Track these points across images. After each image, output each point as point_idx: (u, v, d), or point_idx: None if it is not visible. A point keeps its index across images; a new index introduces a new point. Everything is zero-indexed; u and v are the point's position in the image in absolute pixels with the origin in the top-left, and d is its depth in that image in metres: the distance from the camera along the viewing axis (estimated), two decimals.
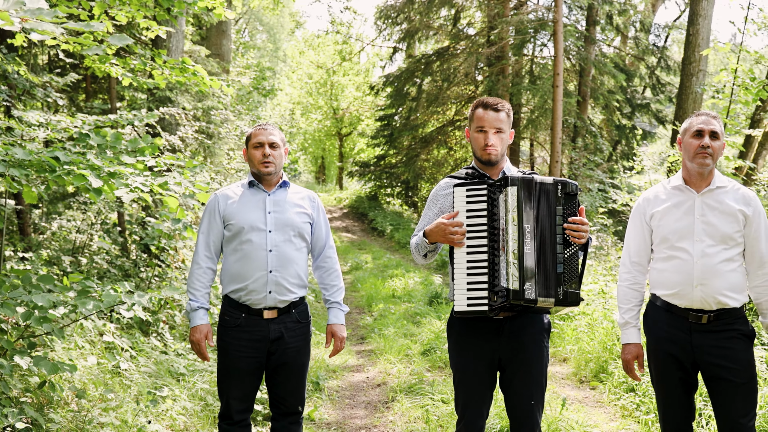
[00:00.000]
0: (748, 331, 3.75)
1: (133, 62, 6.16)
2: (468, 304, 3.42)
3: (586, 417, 5.81)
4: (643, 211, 3.96)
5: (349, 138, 37.92)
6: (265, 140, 4.05)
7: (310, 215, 4.18)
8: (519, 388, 3.64)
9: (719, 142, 3.74)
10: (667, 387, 3.88)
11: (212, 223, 4.10)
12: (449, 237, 3.46)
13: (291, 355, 4.07)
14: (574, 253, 3.46)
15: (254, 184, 4.13)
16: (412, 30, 22.41)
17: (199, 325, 4.06)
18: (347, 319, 10.48)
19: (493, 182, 3.49)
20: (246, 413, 4.12)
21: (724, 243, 3.72)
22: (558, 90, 16.42)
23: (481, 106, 3.66)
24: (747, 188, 3.84)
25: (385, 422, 5.98)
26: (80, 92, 12.13)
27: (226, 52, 17.07)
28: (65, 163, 4.19)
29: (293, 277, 4.04)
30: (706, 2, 16.63)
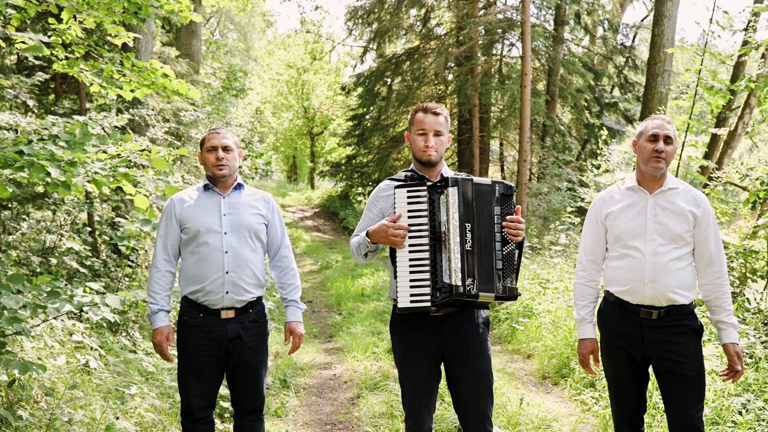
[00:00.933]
0: (696, 327, 3.90)
1: (101, 65, 6.23)
2: (411, 301, 3.54)
3: (546, 412, 5.98)
4: (598, 211, 4.10)
5: (320, 137, 37.97)
6: (218, 144, 4.14)
7: (264, 216, 4.27)
8: (467, 383, 3.75)
9: (672, 146, 3.90)
10: (619, 380, 4.03)
11: (169, 227, 4.19)
12: (391, 239, 3.59)
13: (248, 354, 4.16)
14: (511, 250, 3.60)
15: (209, 188, 4.22)
16: (382, 30, 22.49)
17: (160, 327, 4.16)
18: (316, 318, 10.61)
19: (433, 183, 3.62)
20: (208, 410, 4.20)
21: (674, 242, 3.87)
22: (525, 90, 16.61)
23: (421, 111, 3.81)
24: (697, 190, 3.99)
25: (350, 418, 6.12)
26: (49, 92, 12.13)
27: (196, 52, 17.09)
28: (27, 155, 4.26)
29: (249, 277, 4.13)
30: (671, 3, 16.93)
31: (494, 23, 19.61)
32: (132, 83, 6.19)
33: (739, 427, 4.94)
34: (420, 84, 22.13)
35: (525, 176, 16.82)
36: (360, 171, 24.94)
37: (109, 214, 9.68)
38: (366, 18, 23.03)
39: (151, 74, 6.22)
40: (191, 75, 13.48)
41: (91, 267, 8.51)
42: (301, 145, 40.07)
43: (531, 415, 5.75)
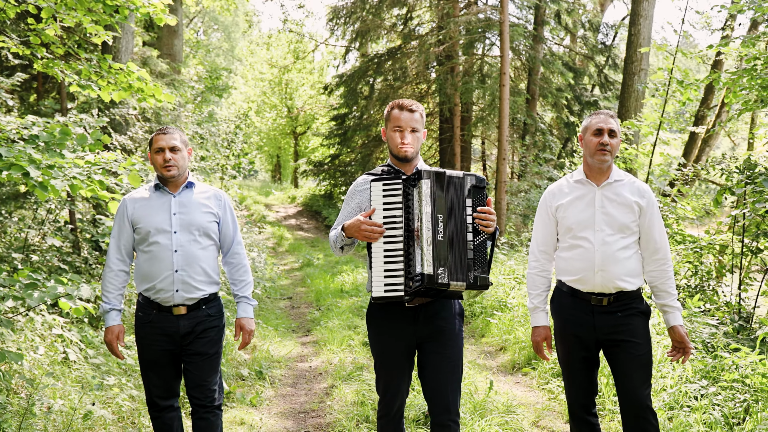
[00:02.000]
0: (644, 309, 4.10)
1: (79, 66, 6.37)
2: (385, 290, 3.63)
3: (512, 399, 6.17)
4: (549, 204, 4.24)
5: (304, 137, 38.09)
6: (165, 145, 4.18)
7: (215, 214, 4.31)
8: (435, 371, 3.84)
9: (616, 139, 4.06)
10: (572, 365, 4.19)
11: (122, 228, 4.24)
12: (364, 234, 3.67)
13: (201, 345, 4.21)
14: (482, 241, 3.69)
15: (160, 187, 4.26)
16: (364, 30, 22.63)
17: (111, 326, 4.22)
18: (296, 314, 10.77)
19: (408, 177, 3.71)
20: (170, 399, 4.30)
21: (621, 232, 4.04)
22: (504, 89, 16.81)
23: (397, 108, 3.90)
24: (641, 181, 4.16)
25: (323, 407, 6.30)
26: (31, 92, 12.24)
27: (178, 52, 17.18)
28: (7, 159, 4.40)
29: (200, 275, 4.19)
30: (647, 3, 17.16)
31: (474, 23, 19.81)
32: (110, 86, 6.32)
33: (694, 411, 5.15)
34: (402, 83, 22.28)
35: (504, 174, 17.03)
36: (343, 170, 25.06)
37: (90, 212, 9.80)
38: (348, 18, 23.17)
39: (127, 76, 6.34)
40: (172, 75, 13.58)
41: (72, 264, 8.63)
42: (284, 145, 40.19)
43: (498, 402, 5.94)
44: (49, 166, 4.35)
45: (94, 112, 8.92)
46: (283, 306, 11.62)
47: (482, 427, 5.28)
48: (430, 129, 24.02)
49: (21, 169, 4.21)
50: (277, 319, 10.21)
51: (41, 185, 4.38)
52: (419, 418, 5.61)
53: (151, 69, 12.76)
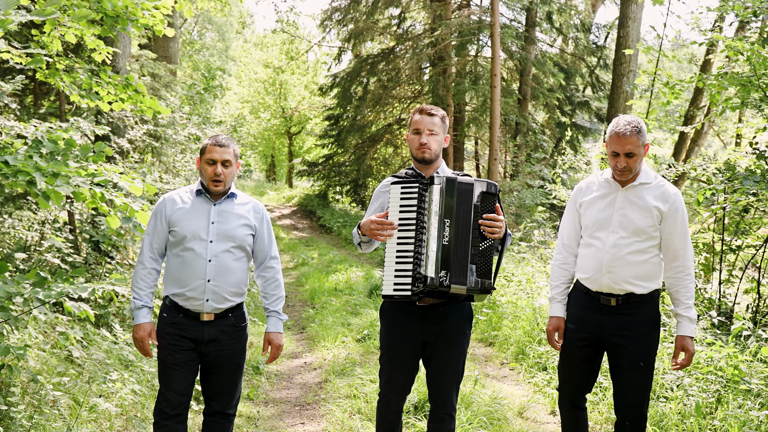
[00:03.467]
0: (654, 317, 4.14)
1: (80, 77, 6.59)
2: (394, 290, 3.81)
3: (498, 392, 6.44)
4: (575, 199, 4.34)
5: (298, 137, 38.30)
6: (218, 158, 4.14)
7: (253, 226, 4.30)
8: (437, 368, 4.05)
9: (636, 156, 3.99)
10: (573, 359, 4.30)
11: (157, 226, 4.24)
12: (373, 233, 3.88)
13: (226, 357, 4.23)
14: (489, 246, 3.81)
15: (201, 193, 4.23)
16: (357, 31, 22.83)
17: (142, 323, 4.19)
18: (291, 312, 11.01)
19: (424, 181, 3.88)
20: (181, 408, 4.21)
21: (636, 236, 4.05)
22: (495, 90, 17.10)
23: (417, 112, 4.07)
24: (671, 185, 4.13)
25: (317, 399, 6.57)
26: (28, 94, 12.43)
27: (174, 54, 17.43)
28: (14, 166, 4.62)
29: (231, 286, 4.18)
30: (635, 6, 17.43)
31: (465, 25, 20.06)
32: (109, 95, 6.52)
33: (670, 401, 5.41)
34: (395, 84, 22.51)
35: (495, 174, 17.32)
36: (337, 170, 25.27)
37: (89, 213, 10.02)
38: (341, 19, 23.37)
39: (125, 88, 6.53)
40: (168, 77, 13.81)
41: (73, 264, 8.86)
42: (279, 145, 40.37)
43: (484, 395, 6.20)
44: (53, 174, 4.54)
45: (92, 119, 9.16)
46: (285, 321, 11.83)
47: (468, 417, 5.55)
48: None
49: (27, 175, 4.38)
50: None
51: (44, 194, 4.58)
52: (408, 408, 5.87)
53: (148, 72, 13.00)
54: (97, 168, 4.93)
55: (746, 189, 7.46)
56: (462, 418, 5.54)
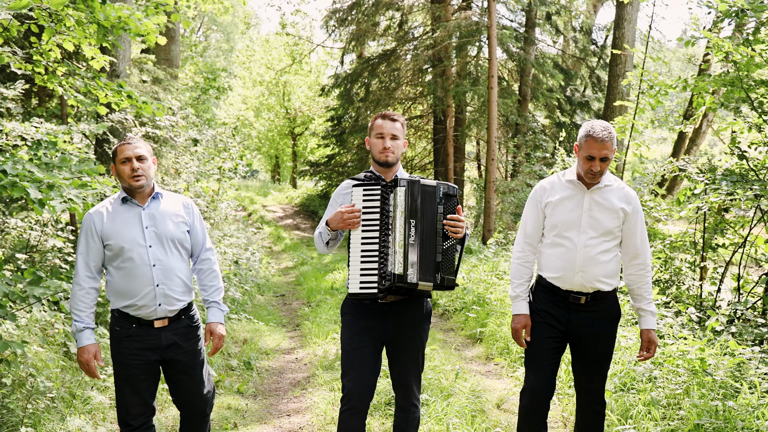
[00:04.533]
0: (615, 312, 4.40)
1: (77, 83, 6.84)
2: (360, 287, 3.97)
3: (479, 385, 6.68)
4: (539, 199, 4.43)
5: (301, 137, 38.52)
6: (131, 154, 4.08)
7: (186, 222, 4.29)
8: (398, 361, 4.25)
9: (609, 161, 4.17)
10: (539, 354, 4.41)
11: (90, 244, 4.13)
12: (346, 222, 4.01)
13: (187, 359, 4.22)
14: (451, 245, 4.02)
15: (127, 200, 4.17)
16: (359, 33, 23.04)
17: (86, 345, 4.08)
18: (287, 310, 11.27)
19: (386, 183, 4.05)
20: (146, 417, 4.20)
21: (604, 236, 4.26)
22: (492, 91, 17.30)
23: (380, 117, 4.23)
24: (630, 188, 4.39)
25: (303, 394, 6.81)
26: (32, 97, 12.68)
27: (175, 56, 17.66)
28: (11, 175, 4.85)
29: (179, 286, 4.17)
30: (631, 7, 17.63)
31: (463, 27, 20.26)
32: (107, 97, 6.77)
33: (640, 392, 5.64)
34: (397, 85, 22.73)
35: (493, 174, 17.52)
36: (340, 171, 25.45)
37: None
38: (343, 21, 23.58)
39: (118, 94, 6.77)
40: (169, 81, 14.05)
41: (73, 264, 9.10)
42: (283, 145, 40.58)
43: (464, 388, 6.44)
44: (49, 186, 4.74)
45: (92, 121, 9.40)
46: (276, 303, 12.13)
47: (443, 407, 5.79)
48: (424, 130, 24.49)
49: (22, 190, 4.51)
50: (268, 315, 10.72)
51: (39, 202, 4.81)
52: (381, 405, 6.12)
53: (148, 75, 13.24)
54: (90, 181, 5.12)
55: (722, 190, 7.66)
56: (438, 409, 5.77)
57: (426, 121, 24.12)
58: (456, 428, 5.47)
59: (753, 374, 5.51)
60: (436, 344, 8.25)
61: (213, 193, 15.27)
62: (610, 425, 5.35)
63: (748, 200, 7.48)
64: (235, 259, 12.95)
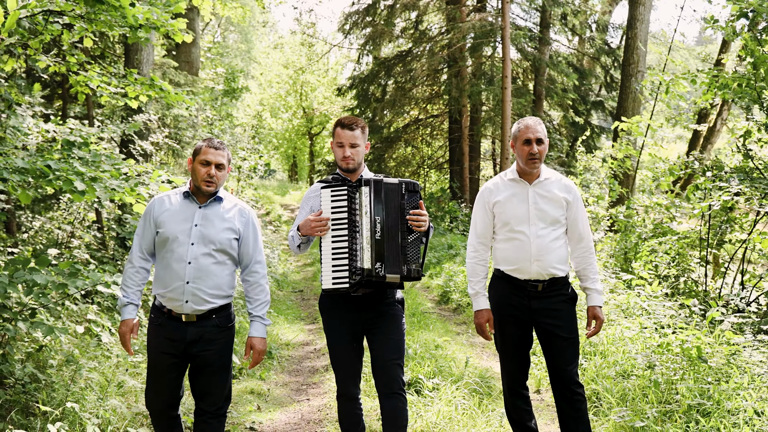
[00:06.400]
0: (572, 295, 4.66)
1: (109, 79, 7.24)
2: (333, 283, 4.18)
3: (488, 371, 7.05)
4: (486, 200, 4.71)
5: (319, 137, 38.91)
6: (213, 160, 4.21)
7: (236, 230, 4.33)
8: (379, 351, 4.38)
9: (544, 145, 4.52)
10: (508, 345, 4.68)
11: (146, 227, 4.34)
12: (313, 230, 4.23)
13: (211, 357, 4.28)
14: (416, 238, 4.27)
15: (189, 195, 4.31)
16: (375, 34, 23.35)
17: (126, 319, 4.31)
18: (305, 305, 11.65)
19: (352, 183, 4.29)
20: (170, 406, 4.35)
21: (552, 225, 4.57)
22: (506, 91, 17.63)
23: (339, 126, 4.40)
24: (567, 178, 4.73)
25: (322, 380, 7.20)
26: (56, 99, 13.10)
27: (195, 59, 18.08)
28: (56, 170, 5.26)
29: (211, 288, 4.23)
30: (643, 8, 17.88)
31: (478, 28, 20.56)
32: (136, 91, 7.16)
33: (639, 378, 5.97)
34: (412, 86, 23.02)
35: None
36: None
37: (115, 212, 10.68)
38: (360, 22, 23.87)
39: (150, 87, 7.18)
40: (190, 84, 14.46)
41: (101, 259, 9.51)
42: (300, 145, 40.97)
43: (473, 373, 6.80)
44: (92, 178, 5.16)
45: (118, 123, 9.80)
46: (294, 298, 12.51)
47: (452, 391, 6.14)
48: (439, 129, 24.80)
49: (70, 183, 4.96)
50: (287, 309, 11.11)
51: (81, 193, 5.20)
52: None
53: (170, 79, 13.67)
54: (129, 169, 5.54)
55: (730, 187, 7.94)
56: (448, 393, 6.12)
57: (441, 121, 24.42)
58: (464, 409, 5.83)
59: (744, 360, 5.83)
60: (448, 336, 8.61)
61: (232, 191, 15.67)
62: (610, 408, 5.69)
63: (761, 198, 7.75)
64: None
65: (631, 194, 14.32)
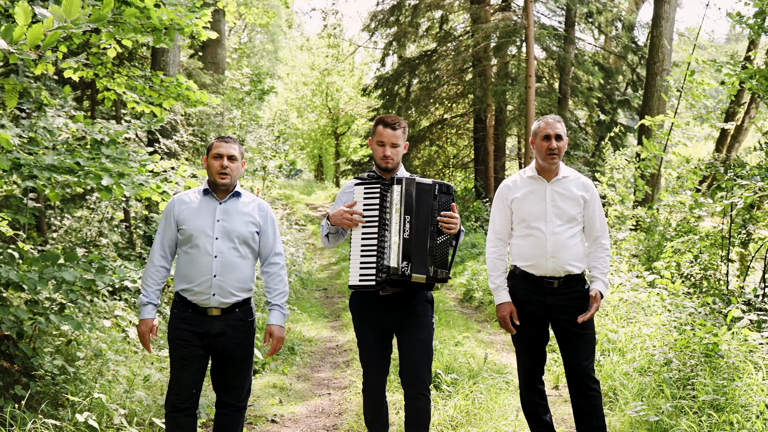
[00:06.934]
0: (587, 291, 4.65)
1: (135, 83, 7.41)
2: (359, 280, 4.19)
3: (506, 367, 7.13)
4: (504, 196, 4.75)
5: (344, 137, 39.04)
6: (224, 152, 4.34)
7: (257, 224, 4.45)
8: (408, 352, 4.38)
9: (563, 141, 4.58)
10: (525, 339, 4.73)
11: (167, 226, 4.42)
12: (344, 220, 4.23)
13: (234, 351, 4.37)
14: (445, 240, 4.24)
15: (208, 192, 4.42)
16: (400, 34, 23.43)
17: (146, 318, 4.39)
18: (329, 302, 11.79)
19: (385, 181, 4.30)
20: (190, 402, 4.38)
21: (569, 223, 4.60)
22: (530, 90, 17.64)
23: (381, 124, 4.38)
24: (585, 177, 4.78)
25: (343, 375, 7.33)
26: (85, 100, 13.34)
27: (221, 60, 18.25)
28: (84, 167, 5.41)
29: (236, 281, 4.34)
30: (668, 6, 17.80)
31: (502, 28, 20.59)
32: (161, 97, 7.32)
33: (656, 374, 6.03)
34: (437, 85, 23.09)
35: None
36: None
37: (142, 211, 10.88)
38: (384, 22, 23.96)
39: (177, 87, 7.34)
40: (215, 85, 14.64)
41: (128, 257, 9.69)
42: (326, 145, 41.10)
43: (492, 368, 6.90)
44: (120, 174, 5.31)
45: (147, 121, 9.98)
46: (318, 296, 12.68)
47: (469, 386, 6.23)
48: (464, 128, 24.85)
49: (98, 178, 5.13)
50: (311, 307, 11.26)
51: (107, 189, 5.36)
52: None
53: (195, 80, 13.85)
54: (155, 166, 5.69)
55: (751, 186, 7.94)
56: (466, 387, 6.22)
57: (466, 120, 24.46)
58: (481, 403, 5.92)
59: (761, 357, 5.87)
60: (469, 333, 8.71)
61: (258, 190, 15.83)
62: (626, 403, 5.76)
63: None
64: None
65: (657, 193, 14.31)
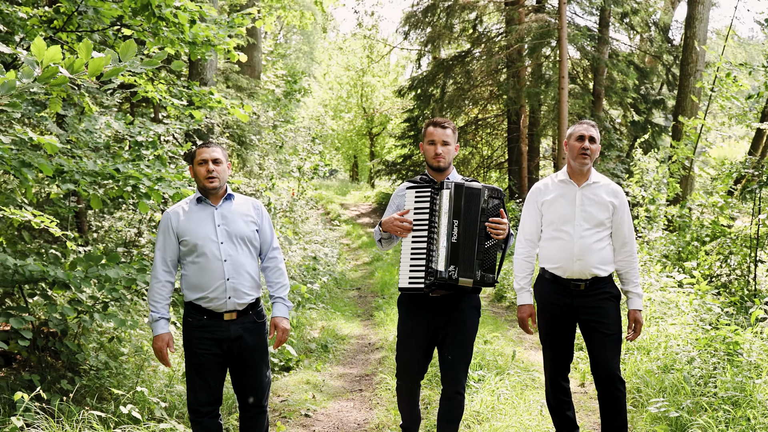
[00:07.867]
0: (616, 293, 4.82)
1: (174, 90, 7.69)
2: (409, 283, 4.33)
3: (533, 365, 7.31)
4: (535, 199, 4.90)
5: (379, 138, 39.24)
6: (208, 157, 4.37)
7: (255, 222, 4.54)
8: (448, 352, 4.50)
9: (596, 145, 4.71)
10: (552, 339, 4.91)
11: (167, 240, 4.42)
12: (394, 228, 4.36)
13: (251, 353, 4.45)
14: (494, 245, 4.32)
15: (202, 200, 4.46)
16: (434, 35, 23.59)
17: (161, 334, 4.39)
18: (362, 302, 12.01)
19: (435, 186, 4.36)
20: (213, 406, 4.45)
21: (597, 227, 4.72)
22: (563, 92, 17.73)
23: (431, 124, 4.48)
24: (615, 183, 4.91)
25: (375, 371, 7.54)
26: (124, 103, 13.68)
27: (257, 63, 18.58)
28: (123, 173, 5.67)
29: (247, 281, 4.41)
30: (702, 6, 17.79)
31: (535, 29, 20.66)
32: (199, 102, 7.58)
33: (678, 371, 6.16)
34: (471, 86, 23.21)
35: None
36: (415, 170, 25.96)
37: None
38: (419, 23, 24.11)
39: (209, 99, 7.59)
40: (252, 88, 14.91)
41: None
42: (361, 146, 41.34)
43: (519, 366, 7.08)
44: (158, 178, 5.58)
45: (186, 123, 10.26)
46: (352, 296, 12.91)
47: (496, 382, 6.42)
48: (498, 129, 24.95)
49: (137, 179, 5.40)
50: (344, 306, 11.50)
51: (145, 195, 5.61)
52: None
53: (232, 83, 14.14)
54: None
55: None
56: (491, 383, 6.40)
57: (500, 121, 24.55)
58: (506, 399, 6.11)
59: None
60: (498, 332, 8.88)
61: (293, 191, 16.09)
62: (648, 400, 5.90)
63: None
64: (313, 254, 13.79)
65: (689, 193, 14.33)
